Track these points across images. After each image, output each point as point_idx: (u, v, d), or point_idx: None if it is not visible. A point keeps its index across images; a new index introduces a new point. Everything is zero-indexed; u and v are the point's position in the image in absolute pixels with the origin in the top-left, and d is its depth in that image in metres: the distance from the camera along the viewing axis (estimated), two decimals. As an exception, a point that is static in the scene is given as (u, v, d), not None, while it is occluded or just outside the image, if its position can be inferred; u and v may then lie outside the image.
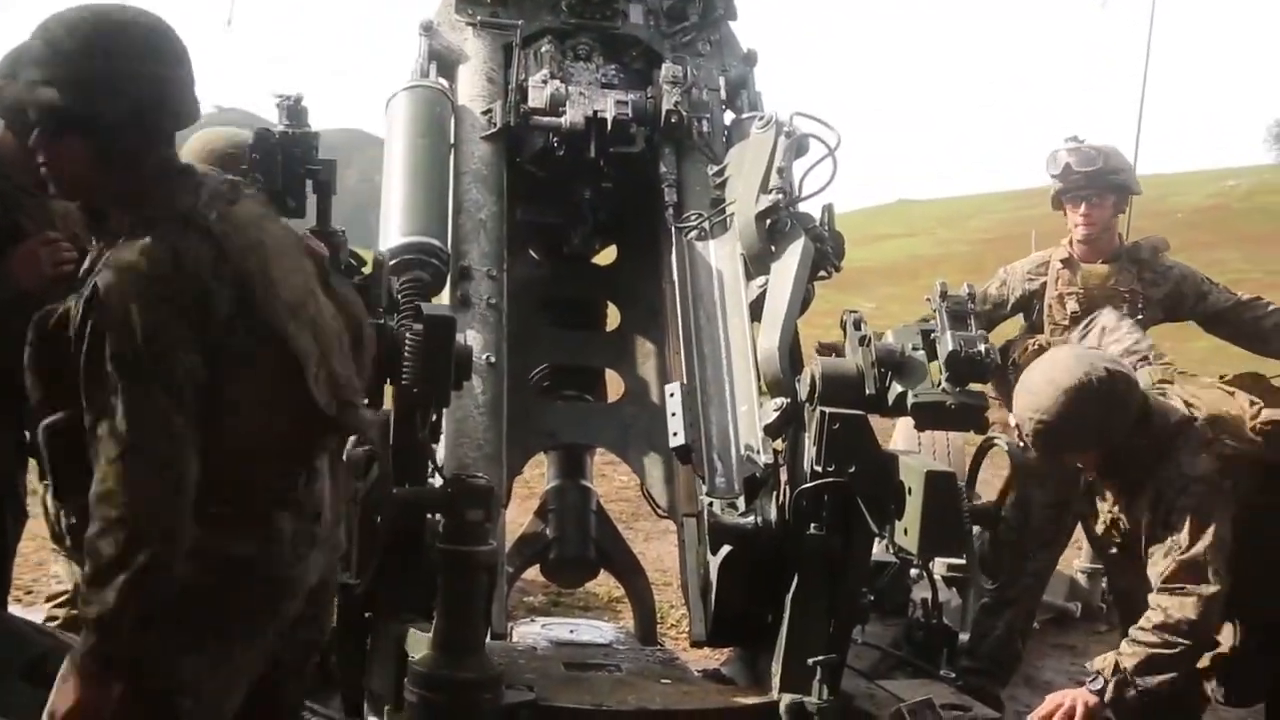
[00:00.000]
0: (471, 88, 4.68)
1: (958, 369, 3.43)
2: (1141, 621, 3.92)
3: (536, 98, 4.47)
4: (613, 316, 5.09)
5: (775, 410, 3.62)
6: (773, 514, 3.66)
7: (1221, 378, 4.28)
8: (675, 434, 3.81)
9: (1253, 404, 4.05)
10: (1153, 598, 3.92)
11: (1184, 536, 3.86)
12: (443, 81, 4.70)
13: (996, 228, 43.12)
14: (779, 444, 3.80)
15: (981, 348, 3.43)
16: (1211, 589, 3.83)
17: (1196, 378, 4.32)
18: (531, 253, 4.99)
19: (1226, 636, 4.15)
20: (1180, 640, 3.84)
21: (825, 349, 4.45)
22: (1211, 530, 3.85)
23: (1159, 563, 3.91)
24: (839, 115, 4.15)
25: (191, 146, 4.65)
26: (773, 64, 5.17)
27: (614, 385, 4.90)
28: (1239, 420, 4.01)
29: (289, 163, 3.77)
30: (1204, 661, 4.06)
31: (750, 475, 3.76)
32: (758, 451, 3.83)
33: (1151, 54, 7.01)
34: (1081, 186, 5.58)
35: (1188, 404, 4.06)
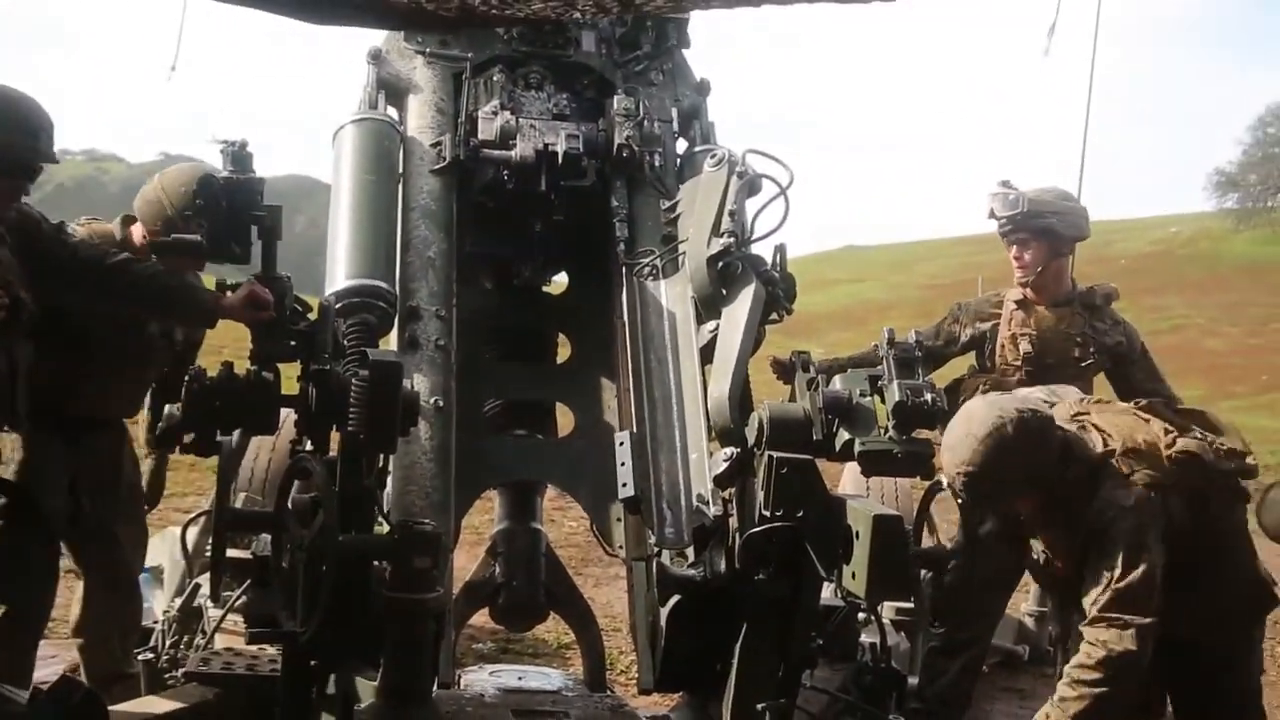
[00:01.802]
0: (420, 119, 4.61)
1: (905, 418, 3.46)
2: (1080, 658, 3.93)
3: (487, 129, 4.42)
4: (563, 348, 5.04)
5: (725, 460, 3.61)
6: (722, 565, 3.63)
7: (1136, 403, 4.36)
8: (624, 485, 3.80)
9: (1167, 432, 4.13)
10: (1088, 631, 3.94)
11: (1118, 566, 3.90)
12: (391, 113, 4.65)
13: (945, 273, 43.58)
14: (728, 493, 3.79)
15: (928, 396, 3.46)
16: (1148, 620, 3.87)
17: (1111, 404, 4.40)
18: (483, 281, 4.91)
19: None
20: (1119, 675, 3.86)
21: (778, 365, 4.46)
22: (1145, 559, 3.90)
23: (1091, 593, 3.94)
24: (786, 157, 4.12)
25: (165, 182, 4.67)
26: (724, 102, 5.17)
27: (565, 418, 4.85)
28: (1154, 448, 4.08)
29: (234, 208, 3.76)
30: None
31: (700, 525, 3.74)
32: (707, 502, 3.80)
33: (1094, 101, 7.09)
34: (1008, 230, 5.69)
35: (1104, 435, 4.12)
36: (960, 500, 4.14)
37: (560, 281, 5.08)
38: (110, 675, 4.89)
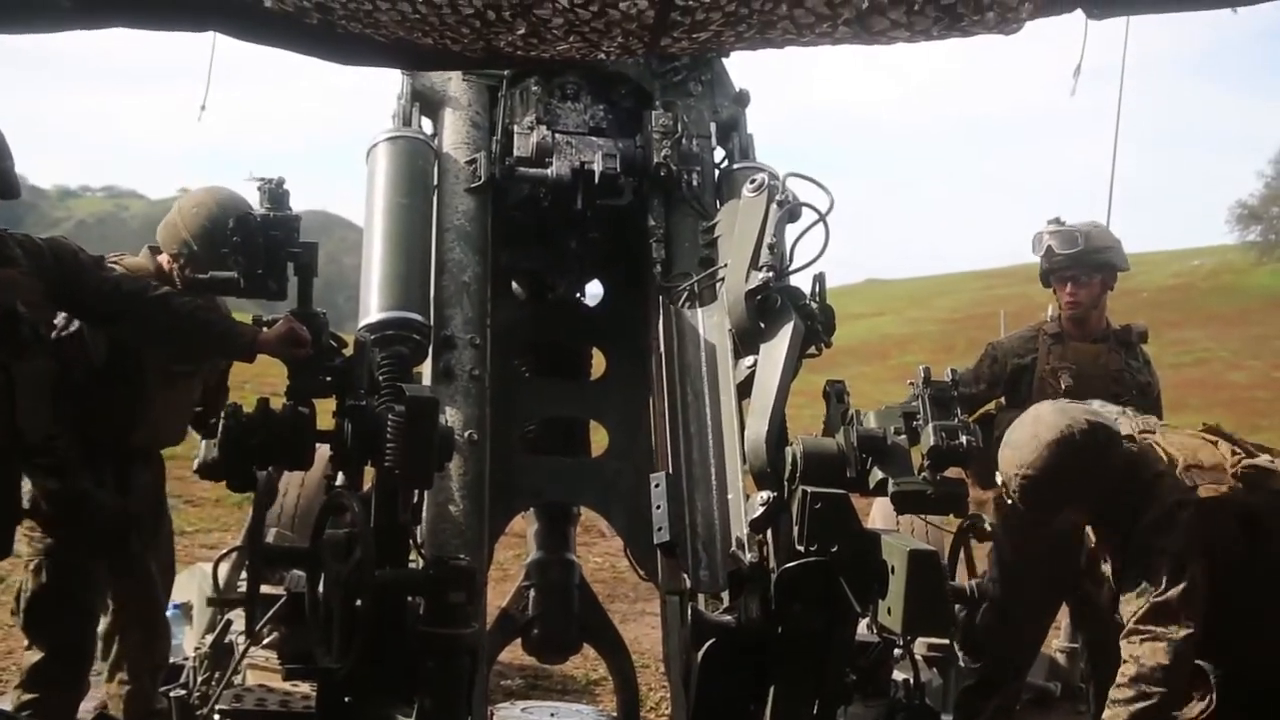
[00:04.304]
0: (455, 134, 4.56)
1: (939, 461, 3.45)
2: (1118, 678, 3.92)
3: (522, 145, 4.39)
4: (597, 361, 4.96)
5: (762, 505, 3.56)
6: (757, 610, 3.57)
7: (1204, 425, 4.32)
8: (660, 529, 3.77)
9: (1234, 452, 4.09)
10: (1124, 646, 3.92)
11: (1159, 578, 3.87)
12: (425, 129, 4.61)
13: (965, 307, 43.53)
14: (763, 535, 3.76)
15: (963, 439, 3.45)
16: (1182, 632, 3.83)
17: (1178, 429, 4.35)
18: (515, 286, 4.84)
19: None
20: (1156, 689, 3.84)
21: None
22: (1186, 575, 3.87)
23: (1132, 602, 3.92)
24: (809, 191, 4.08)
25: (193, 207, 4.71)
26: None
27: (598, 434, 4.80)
28: (1219, 467, 4.05)
29: (271, 246, 3.79)
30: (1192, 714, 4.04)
31: (735, 570, 3.70)
32: (744, 546, 3.74)
33: (1119, 136, 7.12)
34: (1066, 267, 5.66)
35: (1168, 454, 4.09)
36: (1010, 501, 4.10)
37: (595, 293, 4.94)
38: (144, 714, 4.91)
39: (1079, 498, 4.06)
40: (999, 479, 4.10)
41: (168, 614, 5.30)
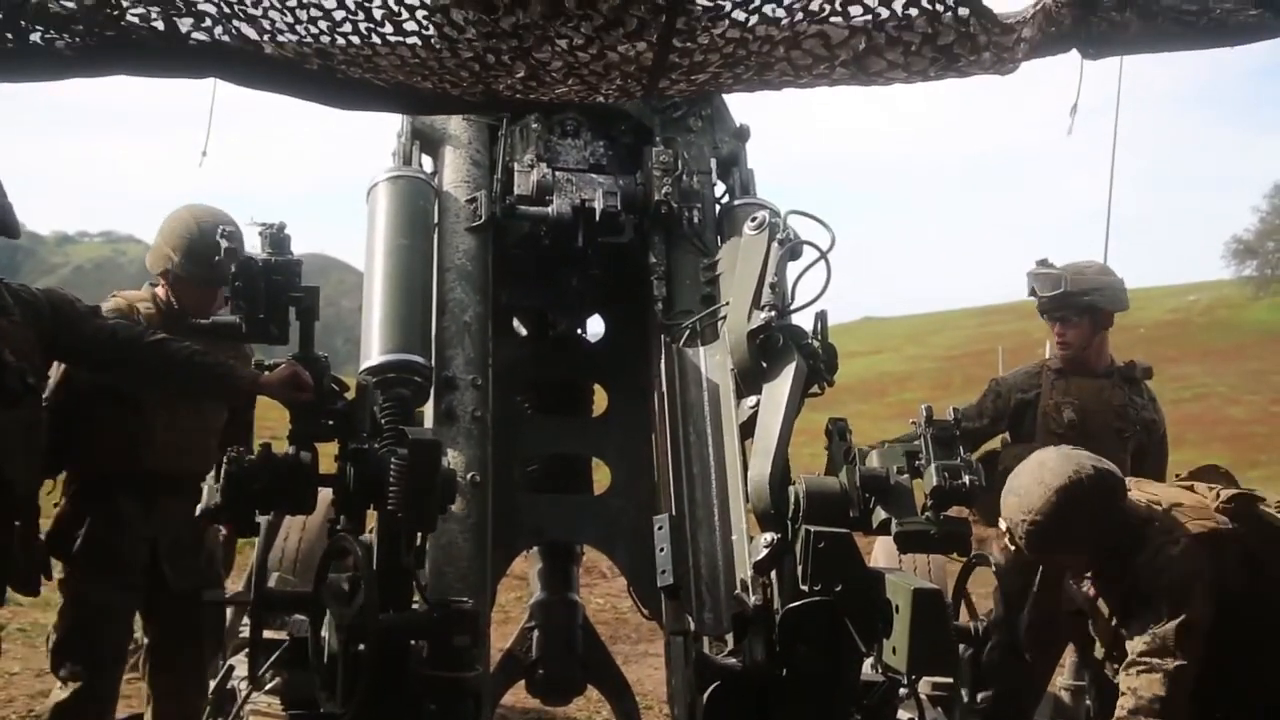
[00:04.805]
0: (456, 172, 4.54)
1: (942, 501, 3.46)
2: (1117, 710, 3.92)
3: (523, 183, 4.38)
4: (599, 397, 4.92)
5: (765, 547, 3.55)
6: (761, 653, 3.56)
7: (1177, 476, 4.35)
8: (663, 572, 3.75)
9: (1211, 488, 4.11)
10: (1122, 678, 3.92)
11: (1158, 614, 3.88)
12: (425, 168, 4.61)
13: (962, 344, 43.59)
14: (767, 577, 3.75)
15: (966, 479, 3.46)
16: (1177, 663, 3.84)
17: (1150, 482, 4.40)
18: (517, 324, 4.83)
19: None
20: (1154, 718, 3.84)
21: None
22: (1187, 610, 3.88)
23: (1135, 641, 3.92)
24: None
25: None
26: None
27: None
28: (1202, 505, 4.06)
29: (272, 290, 3.79)
30: None
31: (739, 613, 3.68)
32: (747, 589, 3.72)
33: (1116, 172, 7.17)
34: (1050, 309, 5.71)
35: (1150, 499, 4.11)
36: (1015, 547, 4.11)
37: (595, 330, 4.92)
38: None
39: (1084, 543, 4.05)
40: (1002, 525, 4.10)
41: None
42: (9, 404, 3.99)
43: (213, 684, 5.01)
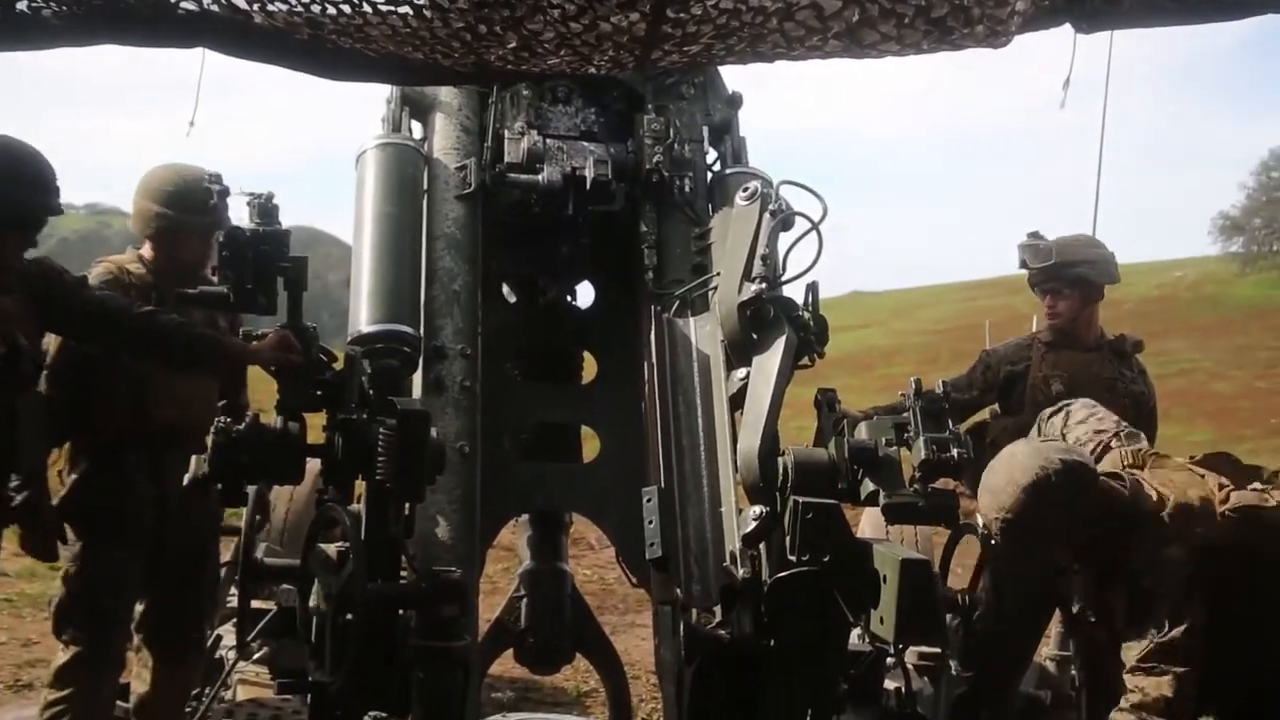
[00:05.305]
0: (445, 139, 4.52)
1: (930, 474, 3.47)
2: (1120, 703, 3.93)
3: (513, 151, 4.35)
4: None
5: (754, 519, 3.56)
6: (749, 625, 3.58)
7: (1191, 458, 4.31)
8: (651, 544, 3.77)
9: (1222, 487, 4.08)
10: (1128, 679, 3.93)
11: (1161, 620, 3.88)
12: (415, 134, 4.58)
13: (949, 318, 43.64)
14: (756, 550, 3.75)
15: (954, 452, 3.47)
16: (1184, 669, 3.85)
17: (1168, 459, 4.35)
18: (506, 290, 4.80)
19: None
20: (1156, 718, 3.86)
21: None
22: (1188, 616, 3.88)
23: (1134, 647, 3.93)
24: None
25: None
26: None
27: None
28: (1209, 503, 4.04)
29: (260, 260, 3.78)
30: None
31: (727, 585, 3.70)
32: (736, 561, 3.73)
33: (1104, 149, 7.16)
34: (1041, 280, 5.73)
35: (1158, 492, 4.08)
36: (994, 544, 4.12)
37: (586, 299, 4.89)
38: None
39: (1058, 535, 4.06)
40: (980, 520, 4.11)
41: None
42: (23, 388, 4.03)
43: (201, 653, 5.04)
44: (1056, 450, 4.07)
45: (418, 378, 4.12)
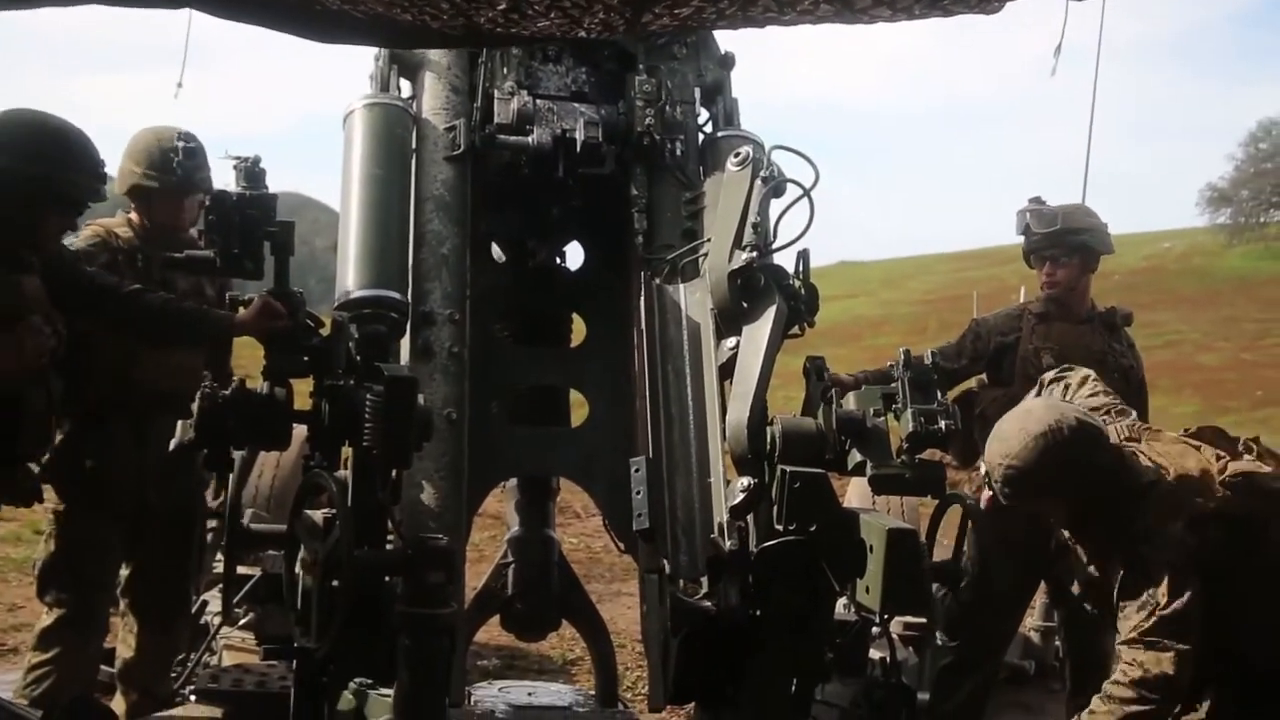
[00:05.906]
0: (435, 99, 4.44)
1: (917, 445, 3.47)
2: (1117, 676, 3.92)
3: (503, 112, 4.30)
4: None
5: (742, 491, 3.56)
6: (735, 597, 3.58)
7: (1185, 430, 4.32)
8: (639, 515, 3.77)
9: (1219, 458, 4.09)
10: (1125, 651, 3.92)
11: (1162, 592, 3.86)
12: (403, 94, 4.52)
13: (938, 289, 43.66)
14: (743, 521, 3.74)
15: (942, 424, 3.47)
16: (1186, 646, 3.85)
17: (1161, 433, 4.35)
18: (496, 251, 4.74)
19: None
20: (1154, 695, 3.85)
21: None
22: (1189, 587, 3.87)
23: (1132, 616, 3.91)
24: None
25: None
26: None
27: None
28: (1207, 475, 4.04)
29: (246, 224, 3.75)
30: None
31: (714, 556, 3.70)
32: (723, 532, 3.72)
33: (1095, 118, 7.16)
34: (1044, 246, 5.69)
35: (1156, 463, 4.08)
36: (993, 492, 4.11)
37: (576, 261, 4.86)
38: (142, 691, 4.90)
39: (1060, 493, 4.05)
40: (983, 469, 4.10)
41: None
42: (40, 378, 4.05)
43: (187, 618, 5.03)
44: (1073, 410, 4.08)
45: (405, 343, 4.09)
